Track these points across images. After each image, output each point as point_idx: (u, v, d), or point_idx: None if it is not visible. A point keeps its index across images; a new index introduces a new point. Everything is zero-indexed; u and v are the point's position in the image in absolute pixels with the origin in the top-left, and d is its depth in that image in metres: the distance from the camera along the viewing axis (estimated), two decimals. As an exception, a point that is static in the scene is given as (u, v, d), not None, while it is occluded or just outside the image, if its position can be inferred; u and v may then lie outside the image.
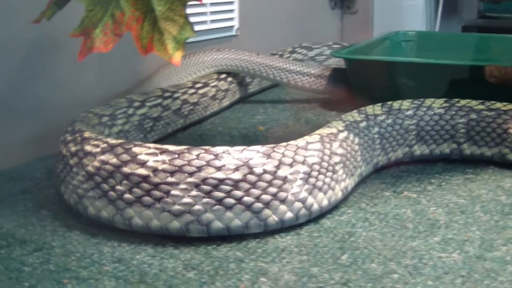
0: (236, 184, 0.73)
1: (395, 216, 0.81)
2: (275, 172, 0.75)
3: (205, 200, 0.72)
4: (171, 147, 0.75)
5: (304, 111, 1.38)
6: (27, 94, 1.07)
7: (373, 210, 0.84)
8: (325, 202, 0.80)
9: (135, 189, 0.73)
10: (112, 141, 0.78)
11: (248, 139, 1.17)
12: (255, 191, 0.74)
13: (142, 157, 0.74)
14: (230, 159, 0.74)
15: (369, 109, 0.98)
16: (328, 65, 1.50)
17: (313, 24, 2.01)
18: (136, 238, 0.75)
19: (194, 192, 0.72)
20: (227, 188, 0.73)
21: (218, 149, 0.74)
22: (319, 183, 0.79)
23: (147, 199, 0.73)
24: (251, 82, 1.49)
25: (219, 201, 0.73)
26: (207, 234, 0.73)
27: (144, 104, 1.11)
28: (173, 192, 0.72)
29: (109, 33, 0.78)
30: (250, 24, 1.67)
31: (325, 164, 0.81)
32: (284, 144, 0.79)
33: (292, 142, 0.80)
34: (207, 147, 0.75)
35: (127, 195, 0.74)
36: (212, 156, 0.73)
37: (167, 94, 1.17)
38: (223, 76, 1.37)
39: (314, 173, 0.79)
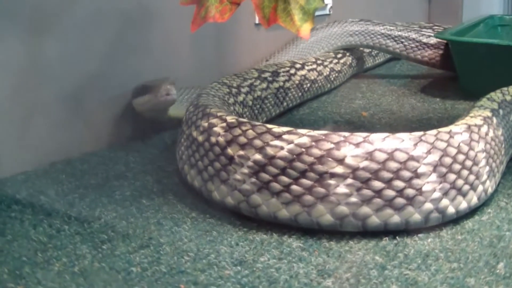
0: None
1: (543, 217, 0.70)
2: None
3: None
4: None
5: (405, 96, 1.27)
6: (121, 70, 0.99)
7: (516, 210, 0.73)
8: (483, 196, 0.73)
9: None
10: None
11: (353, 125, 1.07)
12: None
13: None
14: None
15: None
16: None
17: (401, 4, 1.92)
18: (255, 237, 0.66)
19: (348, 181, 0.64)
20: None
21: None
22: (472, 177, 0.70)
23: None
24: (378, 53, 1.57)
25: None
26: (362, 229, 0.65)
27: (304, 67, 1.20)
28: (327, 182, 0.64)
29: (225, 1, 0.68)
30: (343, 3, 1.61)
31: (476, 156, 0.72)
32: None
33: (443, 129, 0.70)
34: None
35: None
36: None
37: (319, 62, 1.27)
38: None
39: (468, 165, 0.70)
